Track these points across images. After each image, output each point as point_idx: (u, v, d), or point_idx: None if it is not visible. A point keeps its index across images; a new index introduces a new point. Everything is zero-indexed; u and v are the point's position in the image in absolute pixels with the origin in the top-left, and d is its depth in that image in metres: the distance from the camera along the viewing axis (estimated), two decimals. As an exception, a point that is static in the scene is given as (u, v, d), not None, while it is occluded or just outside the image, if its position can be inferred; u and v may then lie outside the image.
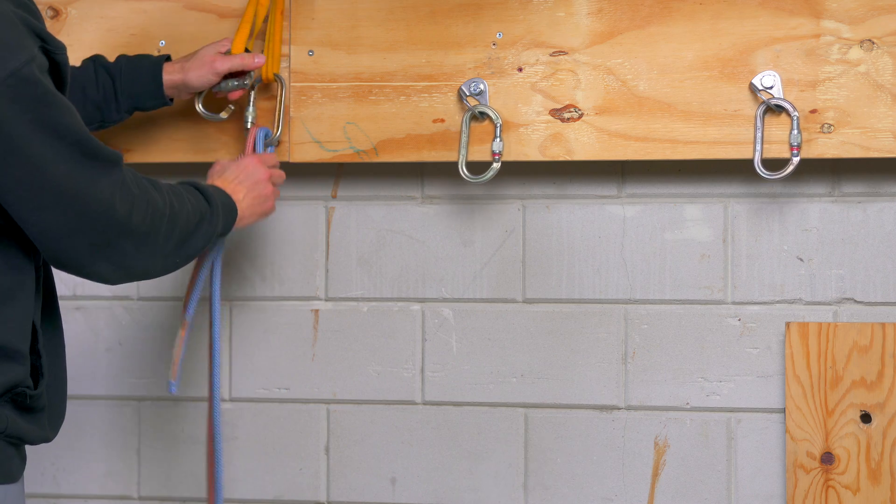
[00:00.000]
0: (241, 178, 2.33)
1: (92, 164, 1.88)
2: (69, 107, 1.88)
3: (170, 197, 2.04)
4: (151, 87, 2.46)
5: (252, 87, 2.52)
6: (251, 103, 2.53)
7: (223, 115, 2.55)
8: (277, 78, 2.53)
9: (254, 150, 2.48)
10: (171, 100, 2.51)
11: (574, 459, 2.60)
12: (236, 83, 2.49)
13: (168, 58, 2.50)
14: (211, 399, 2.44)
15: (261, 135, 2.49)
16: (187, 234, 2.08)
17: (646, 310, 2.57)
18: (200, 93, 2.52)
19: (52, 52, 1.90)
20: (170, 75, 2.46)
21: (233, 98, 2.52)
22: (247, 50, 2.51)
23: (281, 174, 2.44)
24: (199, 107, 2.53)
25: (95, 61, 2.48)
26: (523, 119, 2.49)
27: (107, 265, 1.95)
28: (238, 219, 2.27)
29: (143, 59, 2.49)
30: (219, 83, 2.48)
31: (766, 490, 2.53)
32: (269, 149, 2.50)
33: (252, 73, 2.49)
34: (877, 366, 2.45)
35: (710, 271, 2.55)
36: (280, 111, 2.54)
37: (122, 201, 1.91)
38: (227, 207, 2.22)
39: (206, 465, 2.49)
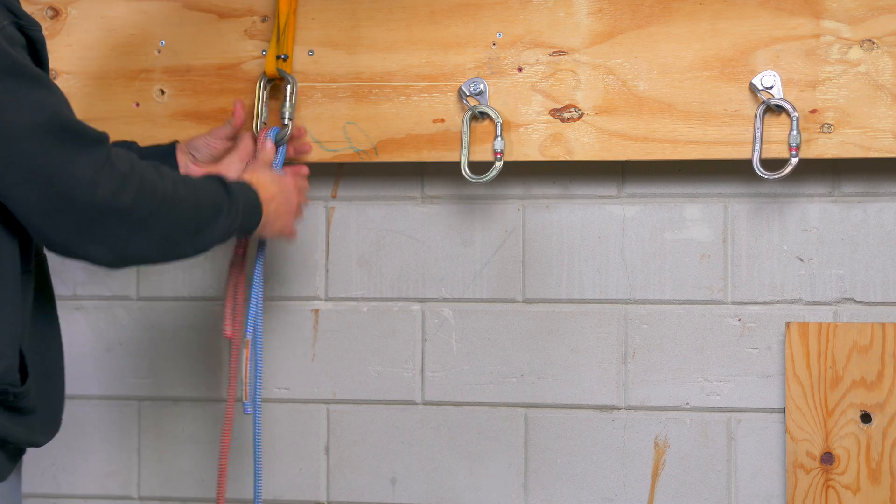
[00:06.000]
0: (274, 188, 2.25)
1: (69, 141, 1.83)
2: (46, 83, 1.85)
3: (174, 184, 1.96)
4: None
5: (265, 87, 2.51)
6: (262, 102, 2.51)
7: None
8: (284, 76, 2.51)
9: (274, 154, 2.45)
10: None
11: (574, 459, 2.59)
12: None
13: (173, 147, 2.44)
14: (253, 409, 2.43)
15: (271, 135, 2.46)
16: (200, 224, 2.00)
17: (646, 310, 2.57)
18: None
19: (26, 27, 1.88)
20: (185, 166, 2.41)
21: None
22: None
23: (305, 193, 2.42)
24: None
25: None
26: (523, 119, 2.49)
27: (98, 247, 1.88)
28: (262, 222, 2.19)
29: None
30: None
31: (766, 490, 2.53)
32: (280, 149, 2.46)
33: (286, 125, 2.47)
34: (877, 366, 2.45)
35: (710, 271, 2.55)
36: (288, 107, 2.49)
37: (106, 180, 1.85)
38: (249, 204, 2.14)
39: (219, 467, 2.45)
